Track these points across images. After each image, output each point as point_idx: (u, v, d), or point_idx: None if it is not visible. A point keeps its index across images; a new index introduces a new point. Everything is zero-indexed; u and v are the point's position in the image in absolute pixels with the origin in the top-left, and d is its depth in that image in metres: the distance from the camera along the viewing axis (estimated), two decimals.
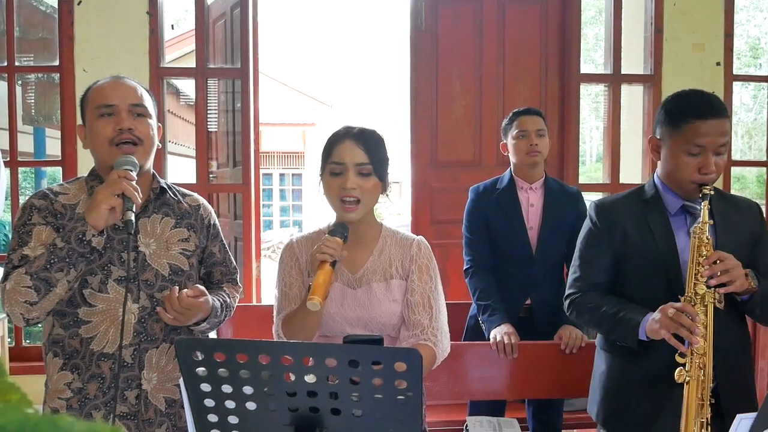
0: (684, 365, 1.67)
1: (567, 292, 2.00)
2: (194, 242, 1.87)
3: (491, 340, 2.59)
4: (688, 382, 1.66)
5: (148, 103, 1.78)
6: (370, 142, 1.77)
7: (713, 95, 1.85)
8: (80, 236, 1.59)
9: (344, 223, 1.74)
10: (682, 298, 1.72)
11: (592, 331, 3.12)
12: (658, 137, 1.87)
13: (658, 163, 1.91)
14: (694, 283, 1.70)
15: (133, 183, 1.62)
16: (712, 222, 1.74)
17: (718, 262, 1.68)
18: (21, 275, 1.59)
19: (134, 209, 1.62)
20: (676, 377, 1.67)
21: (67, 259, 1.58)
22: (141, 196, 1.65)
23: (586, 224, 2.00)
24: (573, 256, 2.76)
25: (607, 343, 1.98)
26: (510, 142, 2.75)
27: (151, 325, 1.74)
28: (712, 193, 1.76)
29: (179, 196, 1.89)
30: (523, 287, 2.74)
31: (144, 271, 1.74)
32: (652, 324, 1.72)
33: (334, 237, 1.67)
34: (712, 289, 1.68)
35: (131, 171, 1.65)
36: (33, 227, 1.67)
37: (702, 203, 1.75)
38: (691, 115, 1.77)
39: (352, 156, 1.74)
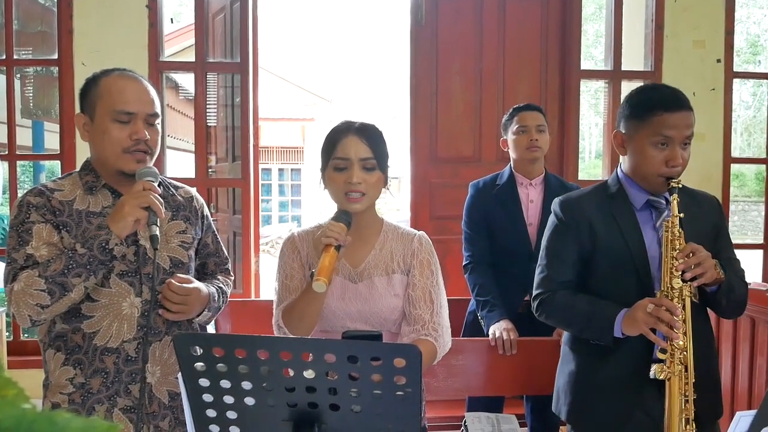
0: (664, 361, 1.66)
1: (535, 292, 1.97)
2: (191, 234, 1.87)
3: (490, 336, 2.59)
4: (669, 379, 1.65)
5: (159, 108, 1.78)
6: (373, 136, 1.77)
7: (677, 89, 1.82)
8: (103, 244, 1.60)
9: (347, 210, 1.74)
10: (659, 292, 1.71)
11: None
12: (623, 131, 1.85)
13: (622, 158, 1.90)
14: (670, 277, 1.69)
15: (158, 196, 1.64)
16: (683, 215, 1.73)
17: (691, 254, 1.67)
18: (33, 278, 1.57)
19: (158, 223, 1.63)
20: (657, 374, 1.66)
21: (88, 266, 1.59)
22: (164, 208, 1.67)
23: (551, 221, 1.97)
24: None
25: (576, 342, 1.95)
26: (510, 137, 2.75)
27: (154, 319, 1.74)
28: (680, 186, 1.75)
29: (172, 189, 1.90)
30: (522, 283, 2.74)
31: (145, 264, 1.74)
32: (629, 320, 1.70)
33: (338, 222, 1.67)
34: (688, 282, 1.68)
35: (153, 182, 1.67)
36: (32, 225, 1.66)
37: (671, 196, 1.74)
38: (659, 107, 1.75)
39: (357, 151, 1.74)
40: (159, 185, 1.81)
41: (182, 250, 1.83)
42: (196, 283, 1.79)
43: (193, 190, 1.97)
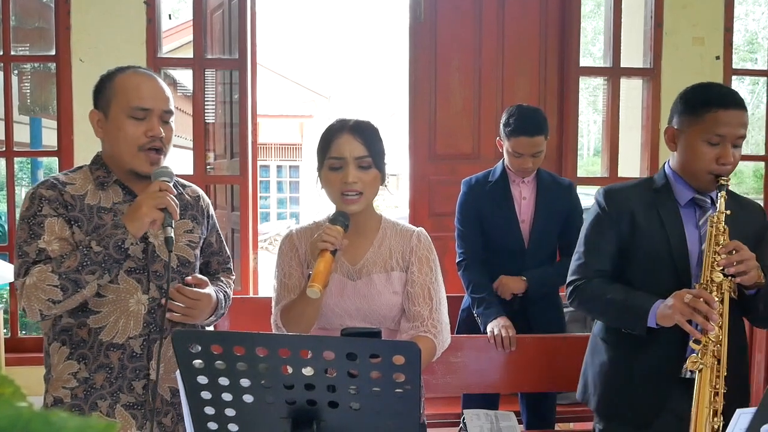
0: (696, 353, 1.66)
1: (570, 278, 1.97)
2: (198, 233, 1.87)
3: (488, 333, 2.59)
4: (700, 370, 1.65)
5: (173, 105, 1.78)
6: (367, 134, 1.75)
7: (733, 89, 1.86)
8: (119, 244, 1.60)
9: (344, 212, 1.73)
10: (697, 285, 1.71)
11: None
12: (676, 127, 1.87)
13: (672, 153, 1.91)
14: (711, 271, 1.69)
15: (174, 197, 1.64)
16: (729, 212, 1.74)
17: (734, 251, 1.68)
18: (47, 273, 1.58)
19: (173, 224, 1.64)
20: (688, 364, 1.67)
21: (103, 264, 1.60)
22: (178, 208, 1.67)
23: (594, 209, 1.97)
24: (565, 244, 2.75)
25: (609, 334, 1.96)
26: (504, 149, 2.68)
27: (160, 316, 1.74)
28: (729, 184, 1.77)
29: (180, 188, 1.89)
30: None
31: (154, 261, 1.74)
32: (665, 310, 1.70)
33: (335, 225, 1.66)
34: (729, 277, 1.68)
35: (168, 182, 1.67)
36: (44, 219, 1.66)
37: (719, 194, 1.75)
38: (714, 104, 1.77)
39: (351, 150, 1.72)
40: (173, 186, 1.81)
41: (189, 250, 1.83)
42: (209, 289, 1.78)
43: (200, 190, 1.96)
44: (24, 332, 3.96)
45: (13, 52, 3.66)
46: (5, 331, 3.67)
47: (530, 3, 3.86)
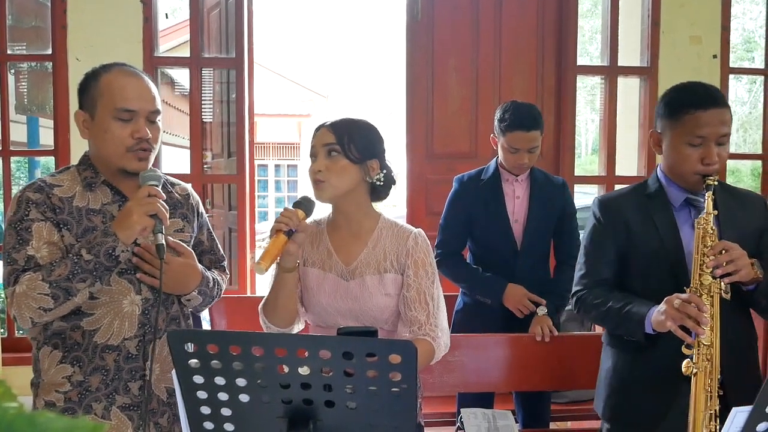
0: (691, 357, 1.65)
1: (573, 289, 1.99)
2: (189, 232, 1.86)
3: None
4: (695, 374, 1.65)
5: (160, 104, 1.76)
6: (342, 125, 1.77)
7: (712, 86, 1.83)
8: (110, 251, 1.59)
9: (309, 198, 1.75)
10: (688, 289, 1.71)
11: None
12: (659, 131, 1.87)
13: (659, 156, 1.91)
14: (699, 274, 1.69)
15: (163, 202, 1.63)
16: (716, 213, 1.73)
17: (723, 252, 1.67)
18: (37, 281, 1.56)
19: (163, 231, 1.63)
20: (683, 369, 1.66)
21: (94, 272, 1.58)
22: (168, 213, 1.66)
23: (590, 220, 2.00)
24: (559, 245, 2.74)
25: (613, 339, 1.97)
26: (499, 145, 2.66)
27: (155, 317, 1.73)
28: (716, 183, 1.76)
29: (169, 186, 1.87)
30: (509, 280, 2.69)
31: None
32: (658, 316, 1.70)
33: (295, 208, 1.68)
34: (718, 279, 1.67)
35: (157, 186, 1.66)
36: (32, 223, 1.63)
37: (706, 194, 1.74)
38: (691, 106, 1.76)
39: (321, 139, 1.76)
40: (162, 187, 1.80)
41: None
42: (193, 260, 1.77)
43: (189, 187, 1.95)
44: (21, 332, 3.95)
45: (9, 51, 3.64)
46: (2, 330, 3.66)
47: (527, 2, 3.86)
